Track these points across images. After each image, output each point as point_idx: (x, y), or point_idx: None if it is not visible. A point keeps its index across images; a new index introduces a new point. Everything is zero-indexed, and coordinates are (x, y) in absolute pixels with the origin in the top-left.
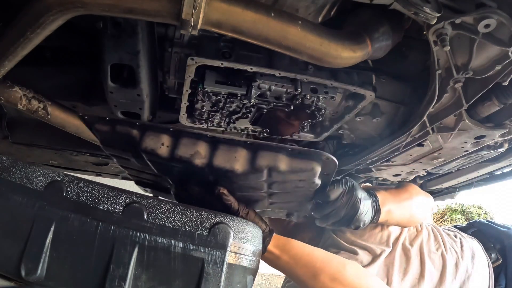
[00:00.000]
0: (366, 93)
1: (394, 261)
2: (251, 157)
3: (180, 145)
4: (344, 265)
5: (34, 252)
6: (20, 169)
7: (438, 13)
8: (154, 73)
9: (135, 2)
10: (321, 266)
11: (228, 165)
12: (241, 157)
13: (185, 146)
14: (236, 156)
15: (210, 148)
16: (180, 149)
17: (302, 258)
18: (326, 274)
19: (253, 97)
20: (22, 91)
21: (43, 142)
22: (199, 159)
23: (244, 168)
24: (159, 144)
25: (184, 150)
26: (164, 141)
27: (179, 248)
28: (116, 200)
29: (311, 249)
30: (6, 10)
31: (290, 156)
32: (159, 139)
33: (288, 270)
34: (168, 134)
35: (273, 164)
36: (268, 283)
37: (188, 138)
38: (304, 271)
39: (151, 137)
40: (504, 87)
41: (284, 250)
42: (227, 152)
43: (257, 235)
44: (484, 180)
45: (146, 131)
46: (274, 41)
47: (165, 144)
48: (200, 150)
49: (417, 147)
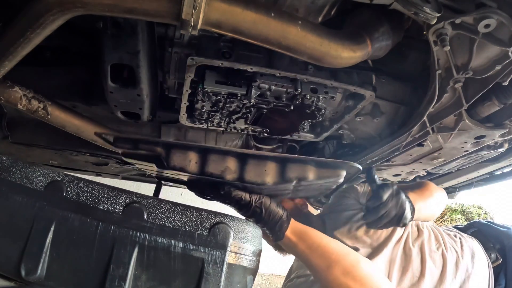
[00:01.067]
0: (366, 93)
1: (396, 259)
2: (280, 170)
3: (210, 161)
4: (359, 261)
5: (34, 252)
6: (20, 169)
7: (438, 13)
8: (154, 73)
9: (135, 2)
10: (336, 259)
11: (259, 179)
12: (271, 170)
13: (215, 162)
14: (266, 170)
15: (239, 163)
16: (210, 165)
17: (318, 249)
18: (339, 267)
19: (253, 97)
20: (22, 91)
21: (43, 142)
22: (230, 174)
23: (275, 181)
24: (187, 161)
25: (215, 167)
26: (191, 158)
27: (179, 248)
28: (116, 200)
29: (328, 240)
30: (6, 10)
31: (318, 166)
32: (187, 156)
33: (303, 258)
34: (194, 150)
35: (302, 175)
36: (268, 283)
37: (216, 154)
38: (319, 261)
39: (178, 154)
40: (504, 87)
41: (301, 239)
42: (257, 166)
43: (257, 235)
44: (484, 180)
45: (172, 149)
46: (274, 41)
47: (193, 161)
48: (230, 165)
49: (417, 147)
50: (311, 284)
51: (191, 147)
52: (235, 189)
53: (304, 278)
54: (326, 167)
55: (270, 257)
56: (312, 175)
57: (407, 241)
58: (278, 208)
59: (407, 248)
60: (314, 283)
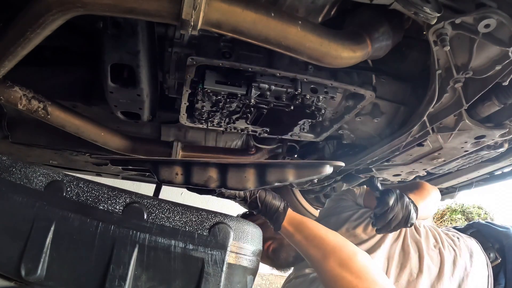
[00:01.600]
0: (366, 93)
1: (394, 255)
2: (259, 174)
3: (193, 173)
4: (355, 253)
5: (34, 252)
6: (20, 169)
7: (438, 13)
8: (154, 73)
9: (135, 2)
10: (332, 250)
11: (240, 186)
12: (251, 176)
13: (198, 173)
14: (246, 176)
15: (220, 172)
16: (194, 176)
17: (315, 239)
18: (335, 259)
19: (253, 97)
20: (22, 91)
21: (43, 142)
22: (213, 182)
23: (256, 185)
24: (173, 174)
25: (198, 177)
26: (177, 171)
27: (179, 248)
28: (116, 200)
29: (325, 231)
30: (6, 10)
31: (296, 168)
32: (173, 170)
33: (301, 248)
34: (178, 164)
35: (282, 177)
36: (268, 283)
37: (197, 166)
38: (315, 252)
39: (165, 169)
40: (504, 87)
41: (298, 229)
42: (237, 173)
43: (257, 235)
44: (484, 180)
45: (158, 165)
46: (274, 41)
47: (179, 173)
48: (212, 175)
49: (417, 147)
50: (309, 283)
51: (175, 162)
52: (226, 190)
53: (302, 278)
54: (306, 168)
55: None
56: (292, 177)
57: (406, 239)
58: (274, 200)
59: (406, 245)
60: (312, 282)
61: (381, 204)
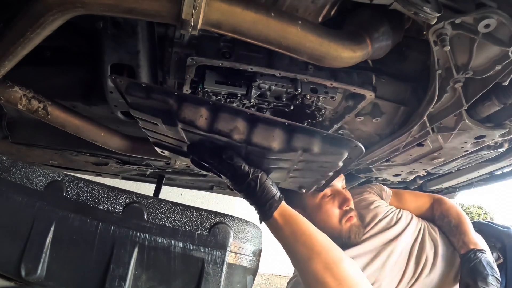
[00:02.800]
0: (366, 93)
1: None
2: (287, 137)
3: (219, 119)
4: (342, 259)
5: (34, 252)
6: (20, 169)
7: (438, 13)
8: (154, 73)
9: (135, 2)
10: (319, 251)
11: (265, 143)
12: (278, 137)
13: (224, 120)
14: (273, 135)
15: (248, 125)
16: (219, 123)
17: (302, 237)
18: (320, 261)
19: (253, 97)
20: (22, 91)
21: (43, 142)
22: (238, 134)
23: (280, 147)
24: (198, 115)
25: (224, 125)
26: (203, 113)
27: (179, 248)
28: (116, 200)
29: (314, 231)
30: (6, 10)
31: (323, 140)
32: (198, 111)
33: (286, 243)
34: (206, 107)
35: (307, 146)
36: (268, 283)
37: (227, 113)
38: (301, 249)
39: (190, 108)
40: (504, 87)
41: (287, 223)
42: (265, 130)
43: (257, 235)
44: (484, 180)
45: (184, 102)
46: (274, 41)
47: (204, 117)
48: (239, 126)
49: (417, 147)
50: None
51: (204, 103)
52: (237, 156)
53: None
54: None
55: (270, 257)
56: (317, 148)
57: (424, 235)
58: (272, 186)
59: (423, 241)
60: None
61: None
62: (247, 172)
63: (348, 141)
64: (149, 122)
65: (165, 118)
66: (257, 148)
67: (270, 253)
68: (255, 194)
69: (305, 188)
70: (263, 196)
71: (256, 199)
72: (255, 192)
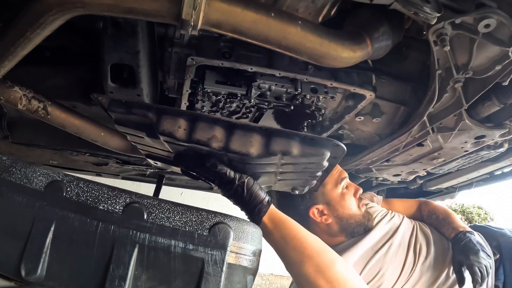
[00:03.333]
0: (366, 93)
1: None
2: (265, 142)
3: (197, 128)
4: (334, 261)
5: (34, 252)
6: (20, 169)
7: (438, 13)
8: (154, 73)
9: (135, 2)
10: (310, 255)
11: (244, 149)
12: (256, 142)
13: (202, 129)
14: (251, 141)
15: (226, 132)
16: (197, 132)
17: (293, 240)
18: (312, 264)
19: (253, 97)
20: (22, 91)
21: (43, 142)
22: (216, 142)
23: (259, 152)
24: (176, 127)
25: (202, 134)
26: (181, 124)
27: (179, 248)
28: (116, 200)
29: (305, 234)
30: (6, 10)
31: (302, 142)
32: (177, 122)
33: (277, 248)
34: (184, 117)
35: (286, 149)
36: (268, 283)
37: (204, 122)
38: (292, 253)
39: (168, 120)
40: (504, 87)
41: (277, 227)
42: (243, 136)
43: (257, 235)
44: (484, 180)
45: (163, 114)
46: (274, 41)
47: (182, 127)
48: (217, 134)
49: (417, 147)
50: None
51: (181, 114)
52: (221, 163)
53: None
54: (311, 144)
55: (270, 257)
56: (296, 151)
57: (417, 231)
58: (260, 191)
59: (417, 236)
60: None
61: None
62: (233, 178)
63: (327, 140)
64: (136, 136)
65: (147, 131)
66: (237, 155)
67: (270, 253)
68: (243, 200)
69: (298, 190)
70: (251, 201)
71: (245, 204)
72: (243, 197)
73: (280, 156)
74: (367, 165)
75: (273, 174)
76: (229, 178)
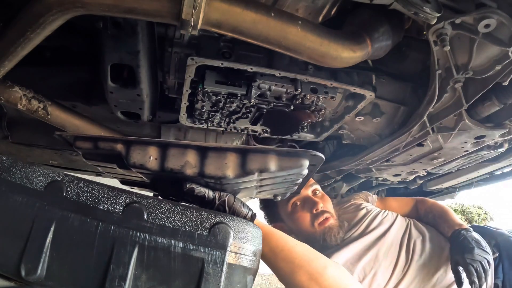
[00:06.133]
0: (366, 93)
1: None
2: (241, 161)
3: (169, 156)
4: (326, 266)
5: (34, 252)
6: (20, 169)
7: (438, 13)
8: (154, 73)
9: (135, 2)
10: (301, 263)
11: (220, 173)
12: (232, 162)
13: (174, 157)
14: (226, 163)
15: (199, 156)
16: (169, 160)
17: (282, 252)
18: (304, 272)
19: (253, 97)
20: (22, 91)
21: (43, 142)
22: (190, 168)
23: (236, 173)
24: (147, 157)
25: (174, 162)
26: (151, 154)
27: (179, 248)
28: (116, 200)
29: (293, 244)
30: (6, 10)
31: (279, 156)
32: (147, 153)
33: (268, 262)
34: (154, 146)
35: (263, 166)
36: (268, 283)
37: (175, 148)
38: (283, 265)
39: (138, 151)
40: (504, 87)
41: (264, 241)
42: (217, 159)
43: (257, 235)
44: (484, 180)
45: (131, 145)
46: (274, 41)
47: (153, 157)
48: (190, 159)
49: (417, 147)
50: None
51: (150, 143)
52: (198, 186)
53: None
54: (288, 157)
55: None
56: (274, 166)
57: (411, 229)
58: (242, 207)
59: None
60: None
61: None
62: (212, 198)
63: (304, 152)
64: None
65: (117, 163)
66: (213, 179)
67: None
68: None
69: (279, 196)
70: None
71: None
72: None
73: (258, 173)
74: (367, 165)
75: (253, 187)
76: (209, 199)
